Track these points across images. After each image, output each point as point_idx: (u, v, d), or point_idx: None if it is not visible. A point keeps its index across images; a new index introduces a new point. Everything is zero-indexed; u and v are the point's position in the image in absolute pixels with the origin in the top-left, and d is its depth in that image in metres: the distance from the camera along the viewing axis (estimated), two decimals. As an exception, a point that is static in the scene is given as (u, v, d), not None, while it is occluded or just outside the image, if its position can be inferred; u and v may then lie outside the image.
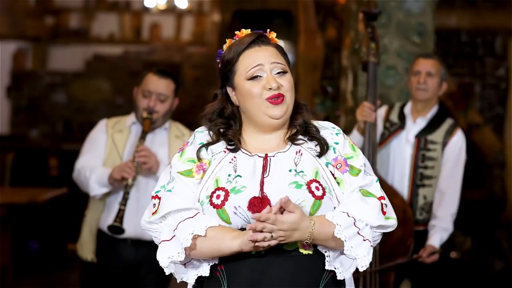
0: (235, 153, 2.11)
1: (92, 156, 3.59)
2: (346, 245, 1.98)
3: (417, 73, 3.79)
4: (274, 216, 1.93)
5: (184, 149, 2.15)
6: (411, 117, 3.83)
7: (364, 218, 2.03)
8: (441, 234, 3.72)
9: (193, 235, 1.99)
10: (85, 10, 11.41)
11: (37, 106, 10.12)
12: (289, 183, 2.02)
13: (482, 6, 6.72)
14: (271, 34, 2.18)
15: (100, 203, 3.61)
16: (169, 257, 2.02)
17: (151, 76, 3.59)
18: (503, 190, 6.55)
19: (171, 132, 3.68)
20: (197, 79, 10.52)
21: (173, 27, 11.63)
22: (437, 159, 3.75)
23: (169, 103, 3.60)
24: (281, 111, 2.10)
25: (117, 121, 3.71)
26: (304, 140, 2.13)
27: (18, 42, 10.45)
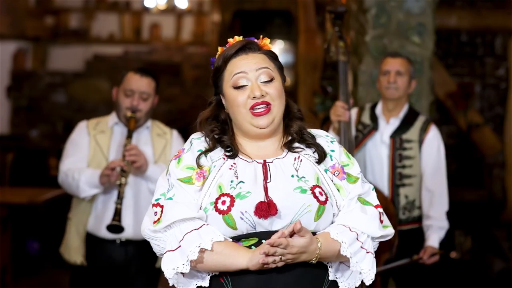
0: (234, 159, 2.11)
1: (77, 158, 3.57)
2: (351, 261, 2.02)
3: (386, 72, 3.78)
4: (286, 241, 1.94)
5: (180, 156, 2.14)
6: (384, 117, 3.82)
7: (366, 230, 2.06)
8: (439, 233, 3.73)
9: (200, 248, 1.99)
10: (85, 10, 11.41)
11: (37, 106, 10.11)
12: (294, 188, 2.03)
13: (482, 6, 6.72)
14: (264, 40, 2.18)
15: (86, 206, 3.59)
16: (174, 268, 2.01)
17: (132, 75, 3.59)
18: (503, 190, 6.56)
19: (153, 131, 3.69)
20: (197, 79, 10.52)
21: (173, 27, 11.63)
22: (415, 158, 3.75)
23: (151, 101, 3.61)
24: (267, 121, 2.10)
25: (98, 122, 3.69)
26: (302, 147, 2.14)
27: (18, 42, 10.45)
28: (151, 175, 3.54)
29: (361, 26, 4.78)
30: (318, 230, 2.05)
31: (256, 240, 2.02)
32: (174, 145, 3.70)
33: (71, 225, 3.66)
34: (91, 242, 3.60)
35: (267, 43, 2.18)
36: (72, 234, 3.64)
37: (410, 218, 3.77)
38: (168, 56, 10.83)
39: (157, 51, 10.99)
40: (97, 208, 3.58)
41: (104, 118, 3.72)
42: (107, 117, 3.72)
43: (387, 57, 3.85)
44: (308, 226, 2.02)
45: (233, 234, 2.03)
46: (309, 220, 2.03)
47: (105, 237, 3.54)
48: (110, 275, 3.60)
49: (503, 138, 6.62)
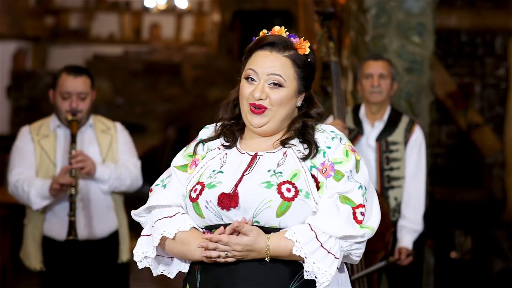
0: (228, 150, 2.14)
1: (24, 167, 3.52)
2: (307, 261, 1.98)
3: (368, 76, 3.75)
4: (227, 238, 1.98)
5: (190, 144, 2.22)
6: (368, 121, 3.81)
7: (328, 229, 2.00)
8: (412, 235, 3.73)
9: (162, 235, 2.06)
10: (85, 10, 11.42)
11: (37, 106, 10.11)
12: (261, 182, 2.04)
13: (482, 6, 6.72)
14: (304, 43, 2.14)
15: (40, 212, 3.55)
16: (143, 252, 2.11)
17: (65, 77, 3.51)
18: (503, 190, 6.55)
19: (96, 128, 3.63)
20: (197, 79, 10.51)
21: (173, 27, 11.63)
22: (402, 159, 3.74)
23: (90, 99, 3.55)
24: (260, 121, 2.11)
25: (40, 125, 3.63)
26: (294, 143, 2.13)
27: (18, 42, 10.45)
28: (100, 177, 3.50)
29: (361, 26, 4.78)
30: (286, 226, 2.03)
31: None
32: (120, 139, 3.65)
33: (27, 232, 3.62)
34: (50, 247, 3.56)
35: (306, 46, 2.14)
36: (29, 241, 3.60)
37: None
38: (168, 56, 10.83)
39: (157, 51, 11.00)
40: (52, 211, 3.54)
41: (46, 120, 3.64)
42: (48, 118, 3.64)
43: (369, 60, 3.83)
44: (270, 221, 2.02)
45: (204, 223, 2.09)
46: (271, 216, 2.02)
47: (62, 240, 3.46)
48: (75, 276, 3.58)
49: (503, 138, 6.62)
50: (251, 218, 2.02)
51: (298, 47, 2.14)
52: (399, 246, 3.72)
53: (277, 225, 2.03)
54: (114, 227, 3.65)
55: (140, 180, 3.60)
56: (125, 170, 3.57)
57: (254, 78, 2.11)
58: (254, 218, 2.02)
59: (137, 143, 3.94)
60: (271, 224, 2.03)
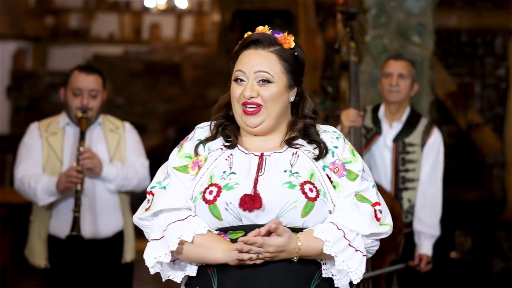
0: (232, 150, 2.11)
1: (30, 163, 3.53)
2: (337, 259, 1.99)
3: (388, 75, 3.77)
4: (262, 240, 1.95)
5: (183, 144, 2.17)
6: (386, 121, 3.81)
7: (355, 227, 2.02)
8: (431, 240, 3.74)
9: (180, 239, 2.01)
10: (85, 10, 11.42)
11: (37, 106, 10.11)
12: (283, 183, 2.03)
13: (482, 6, 6.72)
14: (288, 37, 2.16)
15: (47, 209, 3.56)
16: (156, 257, 2.04)
17: (78, 74, 3.55)
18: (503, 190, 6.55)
19: (105, 127, 3.65)
20: (197, 79, 10.51)
21: (173, 27, 11.63)
22: (418, 161, 3.74)
23: (100, 97, 3.58)
24: (256, 121, 2.10)
25: (49, 123, 3.64)
26: (302, 144, 2.13)
27: (18, 42, 10.45)
28: (106, 176, 3.51)
29: (361, 26, 4.78)
30: (308, 226, 2.04)
31: (242, 233, 2.02)
32: (128, 138, 3.66)
33: (33, 229, 3.62)
34: (54, 244, 3.56)
35: (290, 40, 2.16)
36: (35, 238, 3.61)
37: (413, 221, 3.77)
38: (168, 56, 10.83)
39: (157, 51, 11.00)
40: (58, 210, 3.55)
41: (55, 118, 3.67)
42: (58, 117, 3.66)
43: (390, 59, 3.84)
44: (295, 222, 2.02)
45: (220, 225, 2.04)
46: (296, 216, 2.02)
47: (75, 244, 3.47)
48: (79, 275, 3.57)
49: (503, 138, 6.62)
50: (273, 218, 2.01)
51: (282, 42, 2.15)
52: (419, 253, 3.72)
53: (300, 225, 2.03)
54: (119, 226, 3.64)
55: (148, 180, 3.59)
56: (132, 170, 3.58)
57: (243, 79, 2.11)
58: (277, 218, 2.01)
59: (137, 143, 3.93)
60: (294, 224, 2.02)
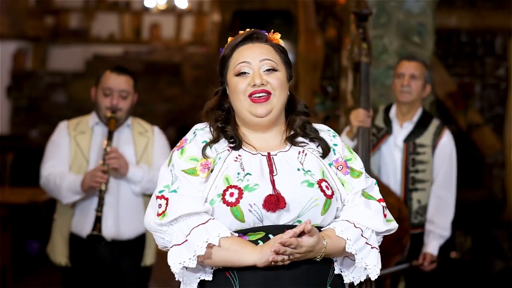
0: (238, 151, 2.11)
1: (57, 161, 3.54)
2: (357, 257, 2.03)
3: (400, 75, 3.77)
4: (297, 241, 1.95)
5: (183, 147, 2.13)
6: (397, 121, 3.81)
7: (371, 225, 2.07)
8: (439, 241, 3.74)
9: (208, 243, 1.98)
10: (85, 10, 11.41)
11: (37, 106, 10.12)
12: (301, 181, 2.03)
13: (482, 6, 6.72)
14: (275, 35, 2.18)
15: (70, 208, 3.56)
16: (181, 263, 1.99)
17: (109, 74, 3.57)
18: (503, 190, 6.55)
19: (134, 129, 3.66)
20: (197, 79, 10.52)
21: (173, 27, 11.63)
22: (428, 162, 3.74)
23: (131, 99, 3.58)
24: (265, 110, 2.10)
25: (78, 122, 3.66)
26: (305, 142, 2.14)
27: (18, 42, 10.45)
28: (132, 177, 3.51)
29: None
30: (324, 224, 2.06)
31: (263, 234, 2.02)
32: (156, 142, 3.66)
33: (56, 226, 3.63)
34: (76, 243, 3.56)
35: (277, 37, 2.18)
36: (57, 235, 3.61)
37: (422, 222, 3.77)
38: (168, 56, 10.83)
39: (157, 51, 11.00)
40: (81, 208, 3.55)
41: (85, 117, 3.69)
42: (87, 116, 3.68)
43: (403, 60, 3.85)
44: (315, 220, 2.03)
45: (240, 227, 2.03)
46: (316, 214, 2.03)
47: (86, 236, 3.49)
48: (98, 275, 3.57)
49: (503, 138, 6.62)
50: (295, 217, 2.02)
51: (272, 39, 2.18)
52: (424, 251, 3.72)
53: (319, 223, 2.05)
54: (142, 229, 3.61)
55: None
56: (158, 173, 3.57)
57: (247, 71, 2.11)
58: (298, 217, 2.02)
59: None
60: (314, 222, 2.03)
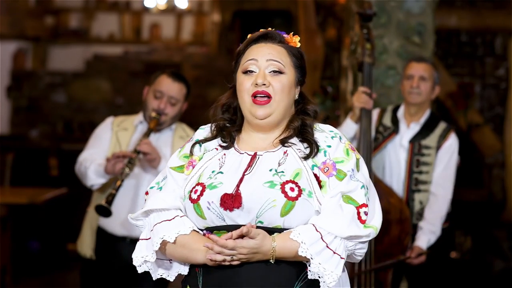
0: (227, 151, 2.13)
1: (95, 151, 3.59)
2: (313, 262, 1.98)
3: (410, 77, 3.79)
4: (233, 243, 1.96)
5: (184, 145, 2.21)
6: (405, 121, 3.83)
7: (333, 229, 1.99)
8: (429, 236, 3.72)
9: (162, 240, 2.04)
10: (85, 10, 11.41)
11: (37, 106, 10.11)
12: (264, 182, 2.03)
13: (482, 6, 6.72)
14: (294, 37, 2.18)
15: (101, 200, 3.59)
16: (143, 257, 2.10)
17: (165, 77, 3.58)
18: (503, 190, 6.55)
19: (176, 133, 3.68)
20: (197, 79, 10.51)
21: (173, 27, 11.63)
22: (432, 164, 3.75)
23: (179, 106, 3.61)
24: (264, 113, 2.10)
25: (124, 119, 3.71)
26: (294, 142, 2.13)
27: (18, 42, 10.45)
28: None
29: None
30: (289, 226, 2.02)
31: (226, 232, 2.02)
32: None
33: (87, 219, 3.69)
34: (102, 238, 3.61)
35: (295, 40, 2.17)
36: (86, 227, 3.67)
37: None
38: (168, 56, 10.82)
39: (157, 51, 10.99)
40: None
41: (131, 116, 3.73)
42: (134, 115, 3.72)
43: (412, 61, 3.86)
44: (275, 221, 2.01)
45: (205, 224, 2.06)
46: (275, 216, 2.01)
47: (115, 234, 3.55)
48: (119, 272, 3.59)
49: (503, 138, 6.62)
50: (254, 218, 2.01)
51: (289, 41, 2.17)
52: (413, 245, 3.71)
53: (281, 225, 2.02)
54: None
55: None
56: None
57: (253, 70, 2.12)
58: (257, 218, 2.01)
59: (137, 143, 3.94)
60: (274, 224, 2.02)
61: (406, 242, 3.63)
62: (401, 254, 3.63)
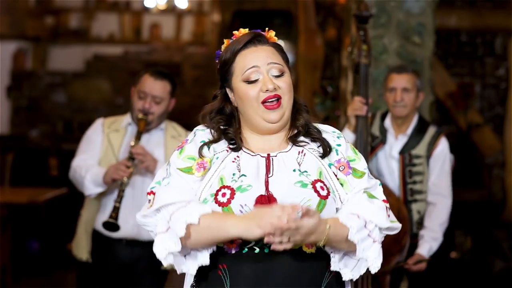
0: (237, 152, 2.11)
1: (88, 155, 3.58)
2: (358, 248, 2.00)
3: (392, 89, 3.72)
4: (295, 224, 1.90)
5: (183, 146, 2.14)
6: (393, 131, 3.78)
7: (374, 219, 2.04)
8: (431, 243, 3.70)
9: (187, 223, 1.96)
10: (85, 10, 11.41)
11: (37, 106, 10.12)
12: (295, 182, 2.03)
13: (482, 6, 6.72)
14: (270, 33, 2.17)
15: (95, 203, 3.60)
16: (166, 248, 1.99)
17: (147, 77, 3.57)
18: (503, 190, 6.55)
19: (167, 133, 3.67)
20: (197, 79, 10.52)
21: (173, 27, 11.63)
22: (425, 173, 3.72)
23: (165, 104, 3.58)
24: (278, 116, 2.09)
25: (114, 120, 3.70)
26: (306, 141, 2.13)
27: (18, 42, 10.45)
28: None
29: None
30: None
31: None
32: None
33: (81, 222, 3.67)
34: (98, 240, 3.60)
35: (273, 36, 2.17)
36: (81, 231, 3.65)
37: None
38: (168, 56, 10.82)
39: (157, 51, 10.99)
40: (105, 207, 3.58)
41: (121, 117, 3.72)
42: (123, 116, 3.71)
43: (392, 73, 3.78)
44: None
45: None
46: None
47: (111, 236, 3.54)
48: (116, 273, 3.60)
49: (503, 138, 6.63)
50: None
51: (269, 37, 2.16)
52: (414, 252, 3.70)
53: None
54: None
55: None
56: None
57: (257, 77, 2.09)
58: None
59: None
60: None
61: (404, 241, 3.63)
62: (399, 254, 3.63)
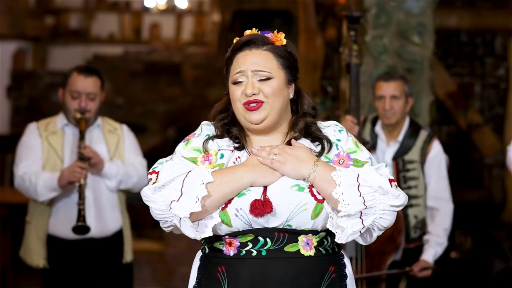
0: (240, 153, 2.11)
1: (31, 161, 3.55)
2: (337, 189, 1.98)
3: (381, 97, 3.69)
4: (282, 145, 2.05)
5: (190, 139, 2.15)
6: (384, 137, 3.77)
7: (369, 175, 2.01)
8: (436, 248, 3.69)
9: (205, 183, 1.98)
10: (85, 10, 11.42)
11: (37, 106, 10.11)
12: (291, 186, 2.03)
13: (482, 6, 6.72)
14: (279, 35, 2.16)
15: (45, 209, 3.58)
16: (187, 210, 1.97)
17: (76, 76, 3.58)
18: (503, 190, 6.55)
19: (104, 128, 3.70)
20: (197, 79, 10.52)
21: (173, 27, 11.63)
22: (419, 178, 3.71)
23: (99, 99, 3.61)
24: (259, 117, 2.09)
25: (47, 123, 3.68)
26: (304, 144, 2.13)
27: (18, 42, 10.45)
28: (107, 172, 3.56)
29: (361, 26, 4.78)
30: (317, 228, 2.03)
31: (252, 236, 2.02)
32: (126, 139, 3.73)
33: (30, 229, 3.63)
34: (53, 244, 3.58)
35: (281, 38, 2.15)
36: (32, 238, 3.61)
37: (421, 235, 3.76)
38: (168, 56, 10.83)
39: (157, 51, 11.00)
40: (57, 209, 3.57)
41: (53, 118, 3.70)
42: (55, 117, 3.69)
43: (380, 81, 3.74)
44: (305, 224, 2.02)
45: (229, 231, 2.03)
46: (306, 218, 2.01)
47: (67, 238, 3.53)
48: (78, 275, 3.59)
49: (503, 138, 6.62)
50: (284, 221, 2.01)
51: (274, 40, 2.15)
52: (420, 258, 3.69)
53: (310, 227, 2.03)
54: (118, 226, 3.68)
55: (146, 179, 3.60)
56: (132, 167, 3.63)
57: (242, 80, 2.10)
58: (287, 222, 2.01)
59: (137, 143, 3.95)
60: (304, 226, 2.02)
61: (399, 240, 3.63)
62: (395, 252, 3.64)
